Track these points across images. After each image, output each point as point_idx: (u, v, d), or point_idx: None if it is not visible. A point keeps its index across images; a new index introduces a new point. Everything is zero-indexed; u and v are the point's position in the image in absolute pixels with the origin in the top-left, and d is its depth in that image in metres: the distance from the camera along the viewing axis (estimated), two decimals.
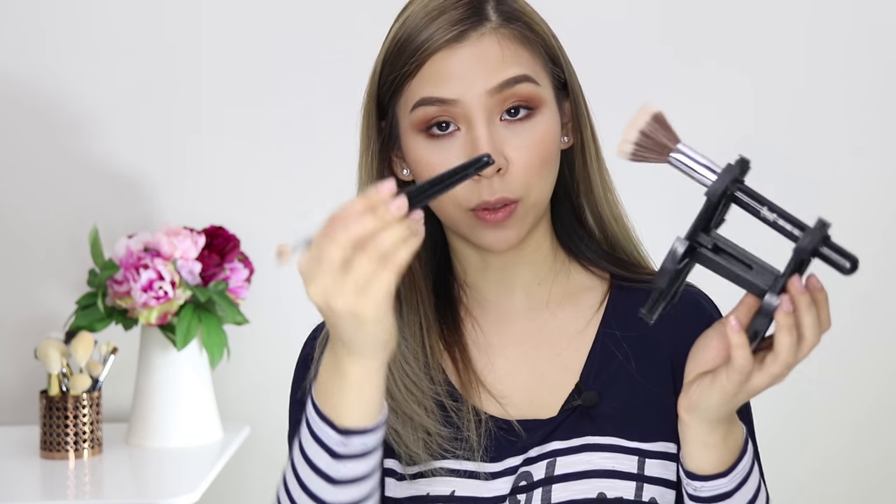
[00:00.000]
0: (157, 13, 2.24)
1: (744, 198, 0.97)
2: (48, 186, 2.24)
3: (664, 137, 0.99)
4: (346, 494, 1.04)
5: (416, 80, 1.13)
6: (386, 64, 1.16)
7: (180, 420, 2.05)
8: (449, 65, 1.12)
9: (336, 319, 0.97)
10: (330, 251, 0.95)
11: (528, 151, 1.12)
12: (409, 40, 1.14)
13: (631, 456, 1.14)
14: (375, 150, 1.19)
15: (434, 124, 1.13)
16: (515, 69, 1.12)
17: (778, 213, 0.97)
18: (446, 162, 1.11)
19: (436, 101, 1.12)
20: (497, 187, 1.11)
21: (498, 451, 1.15)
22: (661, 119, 0.99)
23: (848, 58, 2.26)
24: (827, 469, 2.30)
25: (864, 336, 2.29)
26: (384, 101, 1.18)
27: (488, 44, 1.13)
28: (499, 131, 1.12)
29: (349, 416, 1.02)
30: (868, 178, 2.27)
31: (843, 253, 0.97)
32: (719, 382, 1.01)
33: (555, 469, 1.14)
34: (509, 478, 1.14)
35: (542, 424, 1.16)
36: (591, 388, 1.17)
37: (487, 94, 1.11)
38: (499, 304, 1.21)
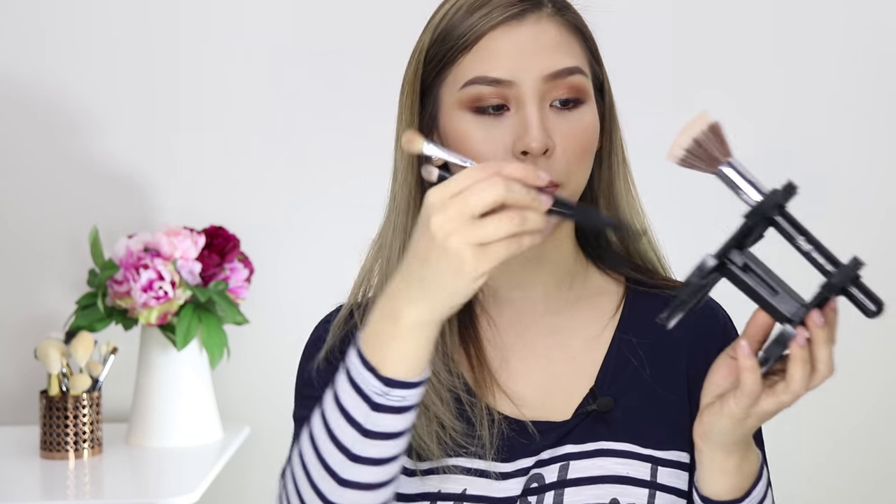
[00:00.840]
0: (157, 13, 2.24)
1: (783, 224, 0.97)
2: (48, 186, 2.24)
3: (716, 149, 0.99)
4: (375, 450, 1.02)
5: (469, 55, 1.12)
6: (436, 42, 1.14)
7: (180, 420, 2.05)
8: (507, 43, 1.11)
9: (443, 257, 0.95)
10: (480, 195, 0.94)
11: (574, 139, 1.11)
12: (463, 17, 1.13)
13: (644, 463, 1.14)
14: (416, 129, 1.16)
15: (484, 104, 1.11)
16: (570, 59, 1.12)
17: (814, 246, 0.97)
18: (492, 140, 1.10)
19: (490, 81, 1.10)
20: (542, 167, 1.09)
21: (510, 452, 1.15)
22: (716, 130, 0.99)
23: (847, 56, 2.26)
24: (827, 469, 2.30)
25: (864, 337, 2.30)
26: (427, 80, 1.16)
27: (547, 27, 1.12)
28: (549, 116, 1.11)
29: (393, 366, 1.00)
30: (868, 177, 2.28)
31: (870, 295, 0.98)
32: (728, 407, 1.01)
33: (567, 473, 1.13)
34: (521, 479, 1.14)
35: (556, 427, 1.15)
36: (605, 394, 1.16)
37: (542, 80, 1.10)
38: (515, 304, 1.20)
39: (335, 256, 2.26)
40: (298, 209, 2.25)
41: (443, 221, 0.94)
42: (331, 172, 2.24)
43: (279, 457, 2.23)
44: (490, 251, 0.94)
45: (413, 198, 1.16)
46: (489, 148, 1.10)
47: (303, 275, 2.24)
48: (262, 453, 2.23)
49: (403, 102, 1.17)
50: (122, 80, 2.24)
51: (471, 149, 1.11)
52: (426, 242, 0.96)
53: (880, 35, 2.26)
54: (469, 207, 0.94)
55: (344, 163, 2.24)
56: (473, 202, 0.94)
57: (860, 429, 2.29)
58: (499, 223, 0.94)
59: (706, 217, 2.28)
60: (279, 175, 2.25)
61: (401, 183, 1.17)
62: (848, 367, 2.28)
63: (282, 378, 2.32)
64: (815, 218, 2.34)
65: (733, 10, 2.26)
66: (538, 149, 1.08)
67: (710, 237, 1.12)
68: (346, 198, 2.22)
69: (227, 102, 2.24)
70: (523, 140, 1.09)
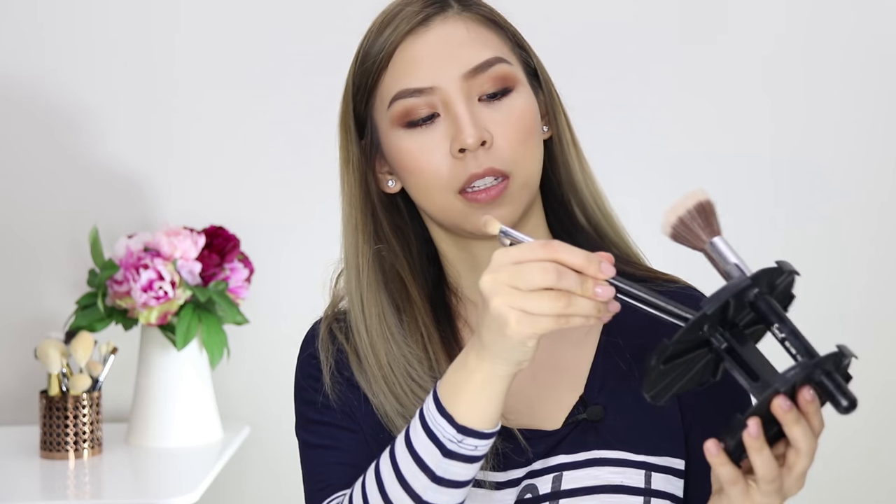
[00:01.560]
0: (156, 13, 2.24)
1: (759, 304, 0.95)
2: (48, 187, 2.24)
3: (700, 229, 0.98)
4: (443, 497, 1.03)
5: (388, 73, 1.13)
6: (357, 73, 1.17)
7: (180, 420, 2.05)
8: (418, 50, 1.12)
9: (487, 315, 0.97)
10: (530, 276, 0.95)
11: (510, 126, 1.11)
12: (375, 39, 1.15)
13: (638, 470, 1.13)
14: (356, 164, 1.19)
15: (414, 117, 1.12)
16: (486, 52, 1.12)
17: (788, 333, 0.94)
18: (429, 150, 1.11)
19: (413, 93, 1.11)
20: (483, 159, 1.10)
21: (499, 461, 1.14)
22: (703, 209, 0.98)
23: (849, 55, 2.26)
24: (828, 470, 2.30)
25: (864, 337, 2.29)
26: (360, 111, 1.18)
27: (454, 27, 1.13)
28: (479, 109, 1.11)
29: (467, 415, 1.02)
30: (869, 177, 2.27)
31: (843, 390, 0.92)
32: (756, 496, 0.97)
33: (561, 483, 1.13)
34: (513, 489, 1.13)
35: (546, 436, 1.15)
36: (596, 401, 1.15)
37: (462, 79, 1.11)
38: None
39: (335, 257, 2.26)
40: (299, 209, 2.25)
41: (492, 281, 0.97)
42: (331, 172, 2.24)
43: (279, 457, 2.24)
44: (532, 321, 0.96)
45: (361, 210, 1.19)
46: (428, 158, 1.12)
47: (303, 275, 2.24)
48: (262, 453, 2.23)
49: (340, 139, 1.20)
50: (121, 80, 2.24)
51: (413, 163, 1.12)
52: (480, 299, 0.98)
53: (886, 28, 2.26)
54: (518, 280, 0.96)
55: None
56: (523, 279, 0.95)
57: (861, 432, 2.29)
58: (544, 300, 0.95)
59: None
60: (279, 175, 2.25)
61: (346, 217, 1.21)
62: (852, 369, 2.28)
63: (282, 378, 2.32)
64: (815, 218, 2.35)
65: (742, 12, 2.26)
66: (474, 143, 1.09)
67: None
68: None
69: (227, 102, 2.24)
70: (458, 138, 1.10)
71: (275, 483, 2.25)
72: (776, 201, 2.26)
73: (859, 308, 2.28)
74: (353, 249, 1.20)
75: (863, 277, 2.29)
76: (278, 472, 2.24)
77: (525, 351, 0.98)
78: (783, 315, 0.95)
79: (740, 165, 2.26)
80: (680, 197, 0.98)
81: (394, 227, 1.20)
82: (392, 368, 1.15)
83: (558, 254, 0.96)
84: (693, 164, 2.25)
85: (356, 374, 1.17)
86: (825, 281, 2.27)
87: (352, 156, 1.19)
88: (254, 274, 2.13)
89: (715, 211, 0.98)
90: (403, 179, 1.16)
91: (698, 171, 2.25)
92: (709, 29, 2.25)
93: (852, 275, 2.28)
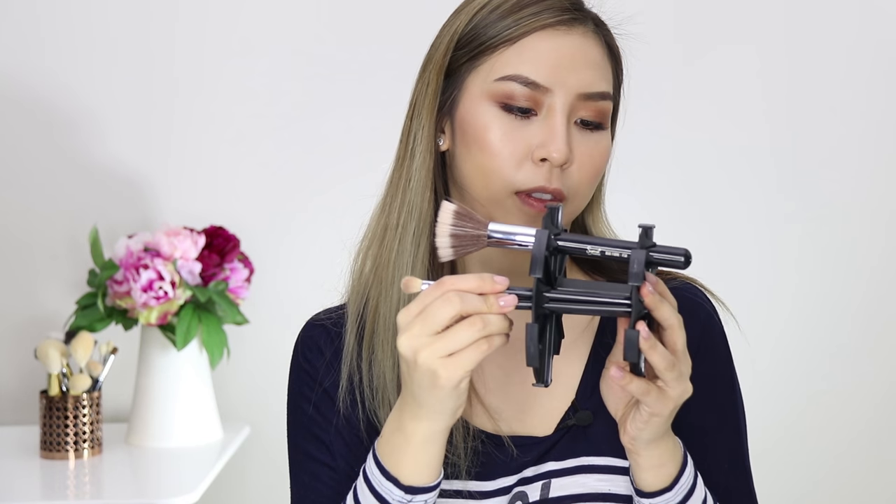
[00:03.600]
0: (156, 13, 2.24)
1: (567, 245, 1.00)
2: (48, 187, 2.24)
3: (473, 228, 1.02)
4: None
5: (511, 50, 1.11)
6: (475, 27, 1.12)
7: (180, 420, 2.05)
8: (552, 48, 1.10)
9: (416, 373, 1.00)
10: (438, 312, 0.98)
11: (590, 160, 1.11)
12: (510, 10, 1.11)
13: (626, 476, 1.13)
14: (434, 113, 1.14)
15: (514, 103, 1.10)
16: (606, 83, 1.12)
17: (602, 245, 0.99)
18: (513, 140, 1.10)
19: (528, 83, 1.09)
20: (556, 178, 1.09)
21: (488, 469, 1.14)
22: (461, 213, 1.02)
23: (850, 55, 2.26)
24: (830, 472, 2.30)
25: (865, 338, 2.29)
26: (456, 64, 1.13)
27: (593, 44, 1.12)
28: (572, 131, 1.11)
29: (413, 474, 1.05)
30: (867, 179, 2.27)
31: (671, 252, 0.98)
32: (643, 414, 1.03)
33: (550, 491, 1.13)
34: (503, 498, 1.13)
35: (537, 443, 1.15)
36: (587, 405, 1.15)
37: (577, 96, 1.10)
38: None
39: (335, 257, 2.26)
40: (298, 209, 2.25)
41: (409, 340, 1.00)
42: (331, 172, 2.24)
43: (279, 457, 2.23)
44: (459, 360, 0.99)
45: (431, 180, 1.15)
46: (508, 148, 1.09)
47: (303, 275, 2.24)
48: (262, 453, 2.23)
49: (426, 79, 1.15)
50: (121, 80, 2.24)
51: (489, 144, 1.10)
52: (403, 364, 1.01)
53: (889, 24, 2.26)
54: (429, 325, 0.99)
55: (344, 163, 2.24)
56: (433, 319, 0.98)
57: (864, 433, 2.29)
58: (461, 332, 0.99)
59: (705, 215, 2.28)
60: (279, 175, 2.25)
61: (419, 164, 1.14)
62: (849, 371, 2.29)
63: (282, 378, 2.31)
64: (815, 219, 2.35)
65: (740, 9, 2.26)
66: (559, 160, 1.08)
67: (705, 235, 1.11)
68: (346, 198, 2.22)
69: (227, 103, 2.24)
70: (547, 148, 1.08)
71: (275, 483, 2.25)
72: (777, 201, 2.26)
73: (859, 308, 2.28)
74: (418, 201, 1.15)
75: (863, 278, 2.29)
76: (278, 472, 2.24)
77: (459, 395, 1.01)
78: (586, 238, 1.00)
79: (741, 166, 2.26)
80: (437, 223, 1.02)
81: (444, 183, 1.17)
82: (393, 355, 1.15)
83: (452, 285, 0.99)
84: (693, 162, 2.25)
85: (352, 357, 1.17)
86: (825, 281, 2.27)
87: (437, 98, 1.14)
88: (254, 274, 2.13)
89: (468, 210, 1.03)
90: (468, 152, 1.12)
91: (699, 168, 2.25)
92: (708, 30, 2.25)
93: (853, 275, 2.28)
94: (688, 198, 2.25)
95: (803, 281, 2.28)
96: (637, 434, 1.04)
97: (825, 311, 2.27)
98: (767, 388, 2.25)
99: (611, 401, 1.07)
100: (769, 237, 2.27)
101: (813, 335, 2.28)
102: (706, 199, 2.26)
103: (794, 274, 2.27)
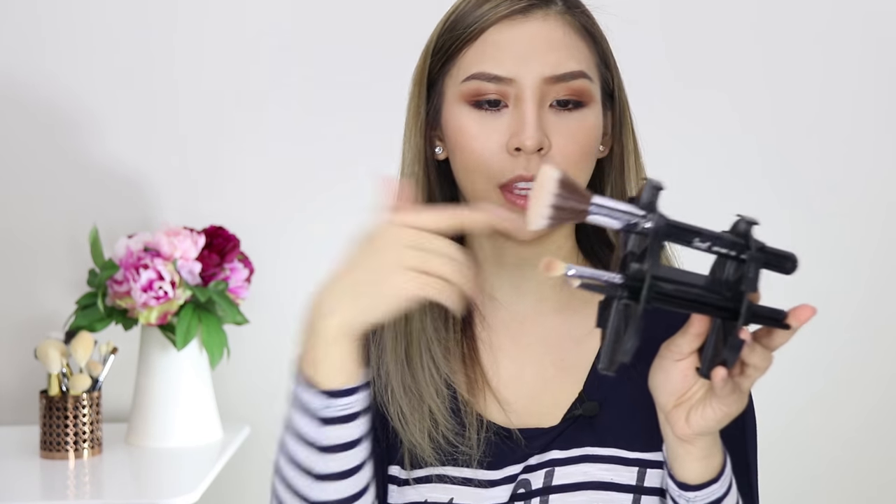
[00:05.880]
0: (156, 14, 2.24)
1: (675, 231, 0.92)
2: (48, 186, 2.24)
3: (575, 202, 0.92)
4: (333, 464, 1.04)
5: (473, 49, 1.12)
6: (443, 32, 1.14)
7: (180, 420, 2.05)
8: (510, 38, 1.11)
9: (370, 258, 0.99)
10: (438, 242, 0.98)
11: (571, 140, 1.11)
12: (472, 9, 1.12)
13: (631, 468, 1.13)
14: (422, 126, 1.17)
15: (482, 98, 1.11)
16: (574, 63, 1.11)
17: (710, 239, 0.93)
18: (487, 135, 1.10)
19: (492, 78, 1.10)
20: (535, 165, 1.09)
21: (497, 459, 1.15)
22: (565, 183, 0.92)
23: (853, 55, 2.27)
24: (829, 472, 2.30)
25: (865, 339, 2.30)
26: (433, 72, 1.16)
27: (554, 26, 1.12)
28: (547, 115, 1.10)
29: (327, 379, 1.03)
30: (867, 179, 2.28)
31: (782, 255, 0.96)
32: (713, 406, 1.01)
33: (553, 479, 1.13)
34: (508, 486, 1.14)
35: (544, 433, 1.15)
36: (594, 397, 1.16)
37: (543, 81, 1.10)
38: (509, 306, 1.20)
39: (335, 257, 2.26)
40: (298, 209, 2.25)
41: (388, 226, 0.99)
42: (331, 172, 2.24)
43: None
44: (421, 280, 0.97)
45: (422, 168, 1.17)
46: (484, 143, 1.11)
47: (303, 275, 2.24)
48: (262, 453, 2.23)
49: (411, 94, 1.17)
50: (121, 80, 2.24)
51: (467, 143, 1.11)
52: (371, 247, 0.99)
53: (880, 31, 2.26)
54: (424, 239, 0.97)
55: (344, 162, 2.24)
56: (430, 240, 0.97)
57: (862, 432, 2.29)
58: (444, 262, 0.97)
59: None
60: (279, 175, 2.25)
61: (411, 177, 1.17)
62: (849, 369, 2.29)
63: (282, 378, 2.32)
64: (815, 219, 2.35)
65: (730, 10, 2.26)
66: (532, 146, 1.08)
67: None
68: (346, 198, 2.23)
69: (227, 102, 2.25)
70: (518, 137, 1.09)
71: None
72: (777, 202, 2.26)
73: (860, 309, 2.28)
74: None
75: (864, 278, 2.29)
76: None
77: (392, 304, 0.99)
78: (694, 227, 0.93)
79: (740, 167, 2.26)
80: (535, 184, 0.93)
81: (443, 194, 1.19)
82: (417, 339, 1.16)
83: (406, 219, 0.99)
84: (695, 162, 2.25)
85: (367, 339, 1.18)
86: (825, 282, 2.27)
87: (421, 112, 1.17)
88: (254, 274, 2.13)
89: (572, 179, 0.93)
90: (452, 154, 1.15)
91: (701, 169, 2.25)
92: (708, 34, 2.26)
93: (853, 276, 2.28)
94: (680, 198, 2.25)
95: (802, 281, 2.28)
96: (700, 427, 1.02)
97: (823, 312, 2.27)
98: (767, 388, 2.25)
99: (666, 390, 1.03)
100: (765, 238, 2.27)
101: (813, 334, 2.27)
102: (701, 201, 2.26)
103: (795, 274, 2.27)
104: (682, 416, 1.03)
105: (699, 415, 1.02)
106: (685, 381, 1.02)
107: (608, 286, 0.93)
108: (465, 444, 1.14)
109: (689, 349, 1.01)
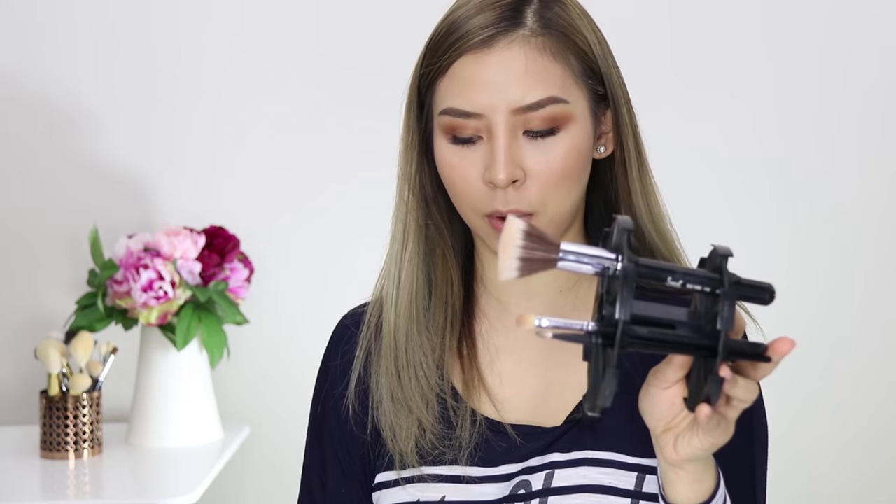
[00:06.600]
0: (156, 13, 2.24)
1: (645, 272, 0.91)
2: (48, 186, 2.24)
3: (543, 250, 0.92)
4: None
5: (444, 82, 1.12)
6: (427, 54, 1.14)
7: (180, 420, 2.05)
8: (475, 73, 1.10)
9: None
10: None
11: (547, 166, 1.10)
12: (447, 33, 1.12)
13: (630, 472, 1.13)
14: (414, 140, 1.17)
15: (459, 134, 1.12)
16: (541, 90, 1.10)
17: (683, 276, 0.92)
18: (465, 168, 1.11)
19: (461, 114, 1.11)
20: (511, 198, 1.10)
21: (490, 455, 1.15)
22: (531, 233, 0.91)
23: (849, 57, 2.26)
24: (830, 472, 2.30)
25: (865, 338, 2.29)
26: (423, 92, 1.16)
27: (516, 54, 1.10)
28: (520, 145, 1.10)
29: None
30: (866, 178, 2.28)
31: (758, 287, 0.93)
32: (699, 437, 1.00)
33: (552, 481, 1.13)
34: (504, 484, 1.14)
35: (544, 433, 1.15)
36: None
37: (511, 113, 1.09)
38: (517, 309, 1.20)
39: (335, 256, 2.26)
40: (298, 209, 2.25)
41: None
42: (331, 172, 2.24)
43: (279, 457, 2.24)
44: None
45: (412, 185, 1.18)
46: (464, 176, 1.12)
47: (303, 275, 2.24)
48: (262, 453, 2.23)
49: (404, 118, 1.18)
50: (121, 80, 2.24)
51: (449, 175, 1.13)
52: None
53: (881, 33, 2.26)
54: None
55: (344, 162, 2.24)
56: None
57: (863, 433, 2.29)
58: None
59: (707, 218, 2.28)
60: (279, 175, 2.25)
61: (402, 170, 1.18)
62: (850, 370, 2.28)
63: (282, 378, 2.32)
64: (815, 220, 2.35)
65: (734, 10, 2.26)
66: (503, 181, 1.09)
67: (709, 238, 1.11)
68: (346, 198, 2.23)
69: (227, 102, 2.24)
70: (490, 172, 1.10)
71: (275, 483, 2.25)
72: (774, 203, 2.26)
73: (860, 308, 2.28)
74: (401, 221, 1.19)
75: (864, 278, 2.29)
76: (278, 472, 2.24)
77: None
78: (664, 265, 0.93)
79: (737, 168, 2.26)
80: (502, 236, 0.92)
81: (445, 209, 1.20)
82: (406, 352, 1.17)
83: None
84: (689, 166, 2.25)
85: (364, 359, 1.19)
86: (825, 282, 2.27)
87: (411, 131, 1.17)
88: (254, 274, 2.13)
89: (538, 229, 0.93)
90: (444, 182, 1.16)
91: (695, 174, 2.25)
92: (707, 35, 2.26)
93: (853, 276, 2.28)
94: (680, 203, 2.25)
95: (801, 281, 2.27)
96: (688, 454, 1.01)
97: (822, 311, 2.27)
98: (766, 389, 2.25)
99: (654, 416, 1.02)
100: (769, 240, 2.27)
101: (812, 335, 2.27)
102: (698, 204, 2.26)
103: (793, 274, 2.27)
104: (670, 442, 1.02)
105: (685, 443, 1.01)
106: (671, 409, 1.01)
107: (584, 334, 0.93)
108: (454, 443, 1.15)
109: (674, 378, 1.00)
